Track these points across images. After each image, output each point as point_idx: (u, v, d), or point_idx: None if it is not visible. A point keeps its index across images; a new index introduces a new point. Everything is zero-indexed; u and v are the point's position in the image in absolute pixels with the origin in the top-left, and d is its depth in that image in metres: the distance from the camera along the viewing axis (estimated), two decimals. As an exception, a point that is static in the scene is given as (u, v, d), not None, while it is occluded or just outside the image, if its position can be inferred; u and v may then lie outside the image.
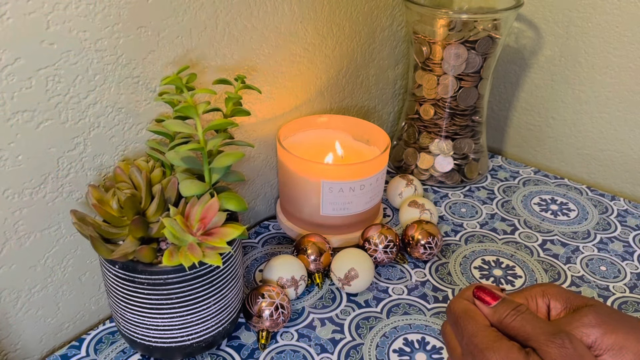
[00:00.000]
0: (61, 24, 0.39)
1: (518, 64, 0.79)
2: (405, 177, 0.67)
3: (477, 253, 0.60)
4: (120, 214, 0.41)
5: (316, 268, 0.54)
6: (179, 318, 0.42)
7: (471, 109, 0.69)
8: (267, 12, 0.53)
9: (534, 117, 0.80)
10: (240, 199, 0.43)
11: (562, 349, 0.31)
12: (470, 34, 0.64)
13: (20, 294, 0.45)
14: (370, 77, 0.72)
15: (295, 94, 0.62)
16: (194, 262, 0.39)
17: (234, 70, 0.53)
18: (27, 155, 0.41)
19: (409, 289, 0.55)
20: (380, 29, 0.70)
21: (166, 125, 0.42)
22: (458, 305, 0.36)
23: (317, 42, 0.61)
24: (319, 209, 0.57)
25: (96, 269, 0.49)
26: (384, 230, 0.56)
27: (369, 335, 0.49)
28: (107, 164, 0.46)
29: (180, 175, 0.44)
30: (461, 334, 0.35)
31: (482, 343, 0.33)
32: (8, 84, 0.38)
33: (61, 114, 0.42)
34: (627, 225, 0.65)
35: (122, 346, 0.48)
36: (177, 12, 0.46)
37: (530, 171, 0.76)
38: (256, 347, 0.48)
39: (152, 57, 0.46)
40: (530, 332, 0.32)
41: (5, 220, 0.42)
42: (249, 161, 0.61)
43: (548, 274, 0.57)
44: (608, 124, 0.73)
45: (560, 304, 0.36)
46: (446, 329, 0.38)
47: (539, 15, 0.74)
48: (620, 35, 0.68)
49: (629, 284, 0.56)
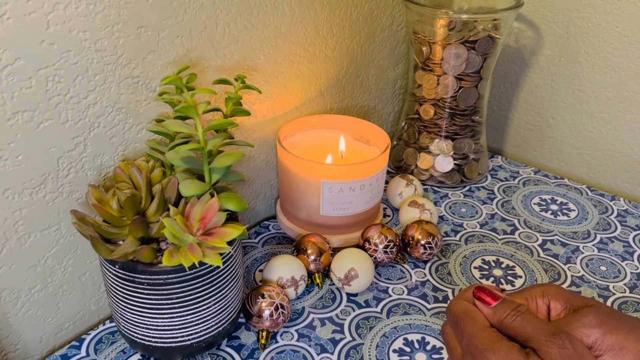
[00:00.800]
0: (61, 24, 0.39)
1: (518, 64, 0.79)
2: (405, 177, 0.67)
3: (477, 253, 0.60)
4: (120, 214, 0.41)
5: (316, 268, 0.54)
6: (179, 318, 0.42)
7: (471, 109, 0.69)
8: (267, 12, 0.53)
9: (534, 117, 0.80)
10: (240, 199, 0.43)
11: (562, 349, 0.31)
12: (470, 34, 0.64)
13: (20, 294, 0.45)
14: (370, 77, 0.72)
15: (295, 94, 0.62)
16: (194, 262, 0.39)
17: (234, 70, 0.53)
18: (27, 155, 0.41)
19: (409, 289, 0.55)
20: (380, 29, 0.70)
21: (166, 125, 0.42)
22: (458, 305, 0.36)
23: (317, 42, 0.61)
24: (319, 209, 0.57)
25: (96, 269, 0.49)
26: (384, 230, 0.56)
27: (369, 335, 0.49)
28: (107, 164, 0.46)
29: (180, 175, 0.44)
30: (461, 335, 0.35)
31: (482, 344, 0.33)
32: (8, 84, 0.38)
33: (61, 114, 0.42)
34: (627, 225, 0.65)
35: (122, 346, 0.48)
36: (177, 12, 0.46)
37: (530, 171, 0.76)
38: (256, 347, 0.48)
39: (152, 57, 0.46)
40: (530, 333, 0.32)
41: (5, 220, 0.42)
42: (249, 161, 0.61)
43: (548, 274, 0.57)
44: (608, 124, 0.73)
45: (560, 305, 0.36)
46: (446, 329, 0.38)
47: (539, 15, 0.74)
48: (620, 35, 0.68)
49: (629, 284, 0.56)
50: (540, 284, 0.37)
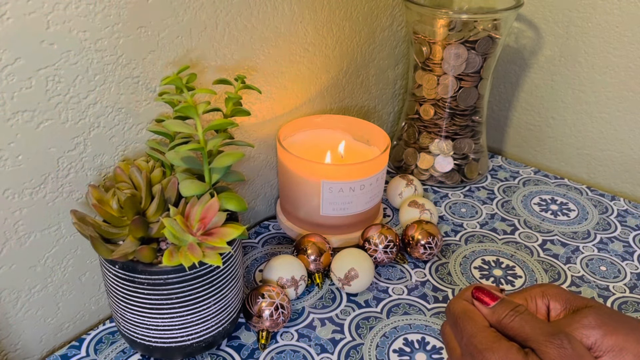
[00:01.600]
0: (61, 24, 0.39)
1: (518, 64, 0.79)
2: (405, 177, 0.67)
3: (477, 253, 0.60)
4: (120, 214, 0.41)
5: (316, 268, 0.54)
6: (179, 318, 0.42)
7: (471, 109, 0.69)
8: (267, 12, 0.53)
9: (534, 117, 0.80)
10: (240, 199, 0.43)
11: (561, 349, 0.31)
12: (470, 34, 0.64)
13: (20, 294, 0.45)
14: (370, 77, 0.72)
15: (295, 94, 0.62)
16: (194, 262, 0.39)
17: (234, 70, 0.53)
18: (27, 155, 0.41)
19: (409, 289, 0.55)
20: (380, 29, 0.70)
21: (166, 125, 0.42)
22: (457, 305, 0.36)
23: (317, 42, 0.61)
24: (319, 209, 0.57)
25: (96, 269, 0.49)
26: (384, 230, 0.56)
27: (369, 335, 0.49)
28: (107, 164, 0.46)
29: (180, 175, 0.44)
30: (460, 335, 0.35)
31: (481, 343, 0.33)
32: (8, 84, 0.38)
33: (61, 114, 0.42)
34: (627, 225, 0.65)
35: (122, 346, 0.48)
36: (177, 12, 0.46)
37: (530, 171, 0.76)
38: (256, 347, 0.48)
39: (152, 57, 0.46)
40: (529, 333, 0.32)
41: (5, 220, 0.42)
42: (249, 161, 0.61)
43: (548, 274, 0.57)
44: (608, 124, 0.73)
45: (560, 305, 0.36)
46: (445, 329, 0.38)
47: (539, 15, 0.74)
48: (620, 35, 0.68)
49: (629, 284, 0.56)
50: (539, 284, 0.37)
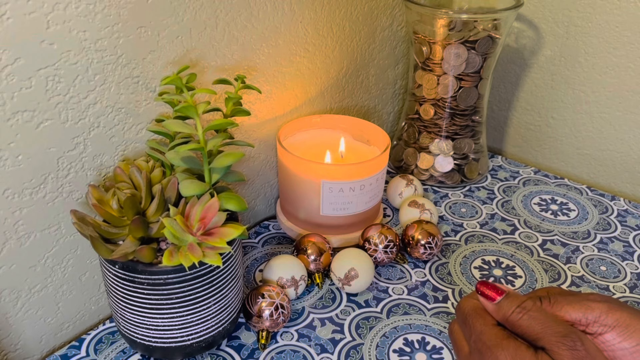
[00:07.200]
0: (61, 24, 0.39)
1: (518, 64, 0.79)
2: (405, 177, 0.67)
3: (477, 253, 0.60)
4: (120, 214, 0.41)
5: (316, 268, 0.54)
6: (179, 318, 0.42)
7: (471, 109, 0.69)
8: (267, 12, 0.53)
9: (534, 117, 0.80)
10: (240, 199, 0.43)
11: (573, 350, 0.30)
12: (470, 34, 0.64)
13: (20, 294, 0.45)
14: (370, 77, 0.72)
15: (295, 94, 0.62)
16: (194, 262, 0.39)
17: (234, 70, 0.53)
18: (27, 155, 0.41)
19: (409, 289, 0.55)
20: (380, 29, 0.70)
21: (166, 125, 0.42)
22: (467, 303, 0.36)
23: (317, 42, 0.61)
24: (319, 209, 0.57)
25: (96, 269, 0.49)
26: (384, 230, 0.56)
27: (369, 335, 0.49)
28: (107, 164, 0.46)
29: (180, 175, 0.44)
30: (469, 332, 0.35)
31: (490, 340, 0.33)
32: (8, 84, 0.38)
33: (61, 114, 0.42)
34: (627, 225, 0.65)
35: (122, 346, 0.48)
36: (177, 12, 0.46)
37: (530, 171, 0.76)
38: (256, 347, 0.48)
39: (152, 57, 0.46)
40: (540, 332, 0.32)
41: (5, 220, 0.42)
42: (249, 161, 0.61)
43: (548, 274, 0.57)
44: (608, 124, 0.73)
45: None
46: (454, 327, 0.38)
47: (539, 15, 0.74)
48: (620, 35, 0.68)
49: (629, 284, 0.56)
50: (544, 288, 0.38)
